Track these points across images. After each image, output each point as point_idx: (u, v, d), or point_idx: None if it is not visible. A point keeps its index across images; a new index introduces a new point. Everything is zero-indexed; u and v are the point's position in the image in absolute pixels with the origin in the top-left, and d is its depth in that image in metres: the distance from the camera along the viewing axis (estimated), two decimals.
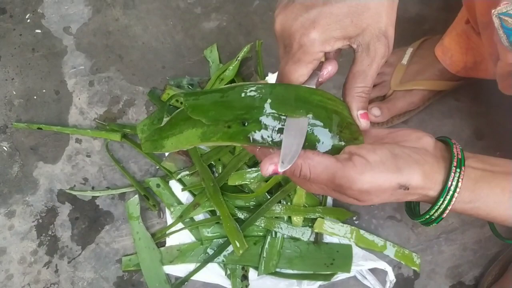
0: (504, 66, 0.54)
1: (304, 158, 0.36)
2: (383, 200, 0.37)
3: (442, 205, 0.37)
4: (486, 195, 0.38)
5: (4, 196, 0.78)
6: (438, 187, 0.37)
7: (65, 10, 0.90)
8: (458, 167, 0.37)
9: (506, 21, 0.46)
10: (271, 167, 0.36)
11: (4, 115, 0.83)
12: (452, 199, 0.37)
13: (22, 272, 0.75)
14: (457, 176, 0.37)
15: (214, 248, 0.73)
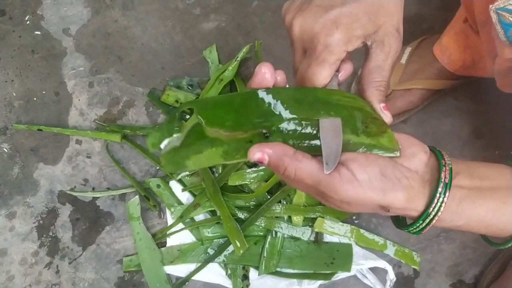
0: (502, 62, 0.55)
1: (292, 158, 0.35)
2: (363, 211, 0.37)
3: (421, 225, 0.37)
4: (468, 216, 0.37)
5: (4, 197, 0.79)
6: (420, 209, 0.37)
7: (64, 11, 0.90)
8: (442, 193, 0.37)
9: (503, 16, 0.47)
10: (258, 154, 0.35)
11: (4, 117, 0.83)
12: (432, 221, 0.37)
13: (23, 273, 0.75)
14: (440, 202, 0.37)
15: (215, 248, 0.73)
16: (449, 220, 0.37)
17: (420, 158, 0.38)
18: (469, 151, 0.80)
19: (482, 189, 0.38)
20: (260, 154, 0.35)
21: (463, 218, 0.37)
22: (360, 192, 0.35)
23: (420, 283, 0.75)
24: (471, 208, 0.37)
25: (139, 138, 0.81)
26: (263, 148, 0.36)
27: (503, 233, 0.39)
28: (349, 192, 0.35)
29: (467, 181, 0.38)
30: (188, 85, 0.83)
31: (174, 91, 0.81)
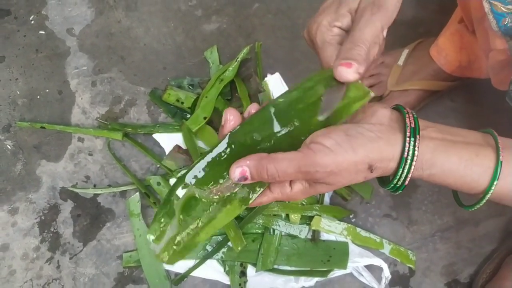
0: (495, 55, 0.56)
1: (268, 158, 0.37)
2: (351, 180, 0.39)
3: (402, 174, 0.38)
4: (441, 163, 0.39)
5: (7, 193, 0.80)
6: (397, 157, 0.38)
7: (68, 12, 0.91)
8: (412, 136, 0.38)
9: (496, 5, 0.48)
10: (238, 169, 0.37)
11: (8, 114, 0.85)
12: (411, 168, 0.38)
13: (24, 268, 0.76)
14: (412, 145, 0.38)
15: (213, 245, 0.74)
16: (425, 168, 0.39)
17: (381, 113, 0.40)
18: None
19: (455, 142, 0.39)
20: (240, 169, 0.37)
21: (437, 165, 0.38)
22: (334, 156, 0.36)
23: (416, 282, 0.76)
24: (445, 156, 0.38)
25: (140, 137, 0.82)
26: (240, 163, 0.37)
27: (476, 186, 0.39)
28: (325, 160, 0.36)
29: (438, 134, 0.40)
30: (189, 85, 0.85)
31: (176, 90, 0.82)
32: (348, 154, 0.37)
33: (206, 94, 0.80)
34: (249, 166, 0.37)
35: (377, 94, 0.80)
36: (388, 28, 0.43)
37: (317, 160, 0.36)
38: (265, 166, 0.37)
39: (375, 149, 0.37)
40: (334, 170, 0.37)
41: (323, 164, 0.36)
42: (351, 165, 0.37)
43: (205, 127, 0.79)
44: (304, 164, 0.37)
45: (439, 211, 0.78)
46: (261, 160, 0.37)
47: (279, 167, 0.37)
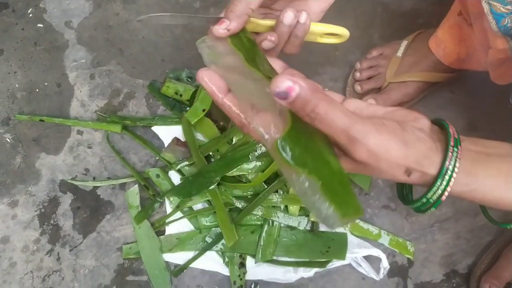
0: (494, 53, 0.56)
1: (324, 97, 0.32)
2: (384, 172, 0.35)
3: (440, 186, 0.36)
4: (482, 177, 0.37)
5: (7, 186, 0.80)
6: (436, 168, 0.36)
7: (66, 4, 0.91)
8: (455, 146, 0.36)
9: (495, 6, 0.48)
10: (288, 82, 0.31)
11: (7, 108, 0.85)
12: (451, 180, 0.36)
13: (25, 260, 0.76)
14: (455, 156, 0.36)
15: (212, 236, 0.74)
16: (464, 183, 0.36)
17: (423, 122, 0.38)
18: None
19: (490, 154, 0.38)
20: (290, 83, 0.31)
21: (478, 179, 0.36)
22: (390, 139, 0.33)
23: (414, 272, 0.76)
24: (484, 170, 0.37)
25: (139, 129, 0.82)
26: (296, 78, 0.31)
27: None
28: (382, 136, 0.33)
29: (474, 146, 0.38)
30: (187, 77, 0.84)
31: (174, 83, 0.82)
32: (399, 146, 0.34)
33: None
34: (302, 88, 0.31)
35: (376, 85, 0.80)
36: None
37: (373, 131, 0.33)
38: (317, 100, 0.32)
39: (423, 150, 0.35)
40: (378, 154, 0.33)
41: (376, 139, 0.33)
42: (399, 158, 0.34)
43: (204, 119, 0.79)
44: (358, 129, 0.32)
45: None
46: (317, 92, 0.32)
47: (331, 113, 0.32)
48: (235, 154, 0.75)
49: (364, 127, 0.33)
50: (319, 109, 0.32)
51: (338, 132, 0.33)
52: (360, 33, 0.88)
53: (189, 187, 0.74)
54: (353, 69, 0.83)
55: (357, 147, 0.33)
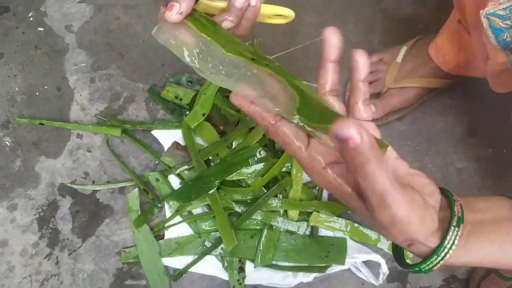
0: (493, 65, 0.56)
1: (377, 160, 0.30)
2: (389, 234, 0.35)
3: (435, 261, 0.37)
4: (475, 250, 0.37)
5: (6, 189, 0.80)
6: (435, 243, 0.36)
7: (67, 8, 0.91)
8: (457, 226, 0.36)
9: (494, 21, 0.48)
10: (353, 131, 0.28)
11: (7, 111, 0.85)
12: (446, 256, 0.36)
13: (23, 264, 0.76)
14: (455, 235, 0.36)
15: (212, 241, 0.74)
16: (458, 257, 0.37)
17: (437, 197, 0.37)
18: (462, 149, 0.81)
19: (484, 222, 0.38)
20: (355, 132, 0.28)
21: (471, 253, 0.37)
22: (412, 216, 0.33)
23: (413, 278, 0.76)
24: (477, 243, 0.37)
25: (139, 133, 0.83)
26: (362, 129, 0.29)
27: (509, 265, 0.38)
28: (408, 213, 0.33)
29: (470, 215, 0.38)
30: (187, 82, 0.85)
31: (174, 87, 0.82)
32: (417, 216, 0.33)
33: (204, 91, 0.80)
34: (363, 141, 0.29)
35: (375, 91, 0.81)
36: None
37: (403, 207, 0.32)
38: (370, 156, 0.30)
39: (430, 229, 0.35)
40: (401, 221, 0.33)
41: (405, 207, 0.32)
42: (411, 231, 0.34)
43: (204, 123, 0.79)
44: (393, 198, 0.31)
45: None
46: (374, 149, 0.29)
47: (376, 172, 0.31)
48: (234, 159, 0.75)
49: (401, 198, 0.32)
50: (369, 166, 0.30)
51: (373, 191, 0.32)
52: (360, 38, 0.88)
53: (188, 191, 0.74)
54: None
55: (385, 212, 0.32)
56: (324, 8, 0.91)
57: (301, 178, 0.75)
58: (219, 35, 0.40)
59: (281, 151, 0.77)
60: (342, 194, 0.35)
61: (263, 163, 0.75)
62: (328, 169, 0.35)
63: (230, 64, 0.38)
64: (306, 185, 0.77)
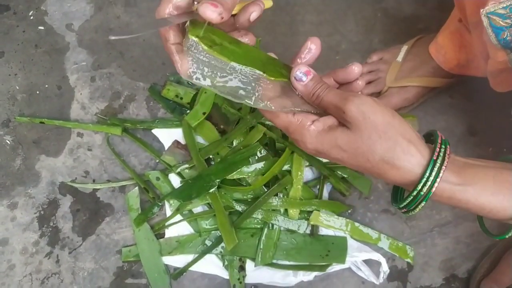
0: (494, 64, 0.56)
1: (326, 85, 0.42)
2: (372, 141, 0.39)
3: (430, 177, 0.38)
4: (471, 178, 0.39)
5: (6, 188, 0.80)
6: (423, 163, 0.39)
7: (67, 7, 0.91)
8: (442, 144, 0.40)
9: (494, 20, 0.48)
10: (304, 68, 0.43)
11: (7, 110, 0.85)
12: (439, 173, 0.38)
13: (24, 262, 0.76)
14: (443, 151, 0.39)
15: (212, 239, 0.74)
16: (456, 183, 0.39)
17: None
18: (463, 148, 0.81)
19: (479, 165, 0.41)
20: (307, 68, 0.43)
21: (466, 179, 0.39)
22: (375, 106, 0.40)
23: (414, 277, 0.76)
24: (474, 173, 0.40)
25: (140, 132, 0.82)
26: (309, 68, 0.43)
27: (505, 211, 0.40)
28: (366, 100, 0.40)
29: (461, 158, 0.42)
30: (188, 80, 0.85)
31: (175, 86, 0.82)
32: (386, 112, 0.40)
33: (205, 90, 0.80)
34: (314, 73, 0.43)
35: (376, 90, 0.81)
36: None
37: (361, 96, 0.40)
38: (323, 83, 0.42)
39: (408, 129, 0.40)
40: (363, 109, 0.39)
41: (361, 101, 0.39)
42: (382, 125, 0.39)
43: (204, 122, 0.79)
44: (343, 98, 0.40)
45: (438, 206, 0.78)
46: (321, 80, 0.43)
47: (327, 92, 0.42)
48: (235, 157, 0.75)
49: (356, 94, 0.41)
50: (323, 86, 0.42)
51: (336, 98, 0.41)
52: (361, 37, 0.88)
53: (189, 190, 0.74)
54: None
55: (349, 104, 0.40)
56: (324, 7, 0.91)
57: (302, 177, 0.75)
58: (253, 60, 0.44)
59: (281, 150, 0.77)
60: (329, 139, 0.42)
61: (264, 162, 0.75)
62: (315, 123, 0.42)
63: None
64: (307, 184, 0.77)
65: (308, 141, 0.42)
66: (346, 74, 0.44)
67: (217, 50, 0.41)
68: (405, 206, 0.42)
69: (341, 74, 0.45)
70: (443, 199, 0.40)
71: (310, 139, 0.42)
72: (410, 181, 0.40)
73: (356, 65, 0.44)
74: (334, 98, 0.41)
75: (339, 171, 0.76)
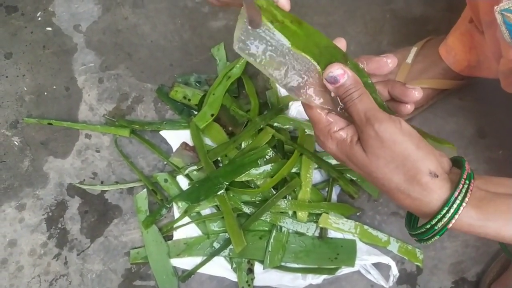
0: (506, 63, 0.56)
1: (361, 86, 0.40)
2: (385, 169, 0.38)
3: (447, 214, 0.37)
4: (493, 213, 0.37)
5: (15, 189, 0.80)
6: (444, 195, 0.37)
7: (75, 8, 0.91)
8: (467, 179, 0.37)
9: (508, 17, 0.47)
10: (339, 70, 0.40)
11: (15, 111, 0.85)
12: (459, 210, 0.36)
13: (32, 264, 0.76)
14: (466, 187, 0.37)
15: (220, 242, 0.74)
16: (476, 218, 0.37)
17: (446, 159, 0.41)
18: (473, 151, 0.81)
19: (499, 193, 0.38)
20: (341, 71, 0.40)
21: (489, 215, 0.37)
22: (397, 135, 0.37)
23: (423, 280, 0.76)
24: (494, 206, 0.37)
25: (147, 133, 0.82)
26: (345, 68, 0.40)
27: None
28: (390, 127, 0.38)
29: (484, 185, 0.39)
30: (196, 82, 0.85)
31: (182, 87, 0.82)
32: (408, 144, 0.37)
33: (213, 91, 0.80)
34: (350, 77, 0.40)
35: None
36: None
37: (384, 122, 0.38)
38: (358, 88, 0.40)
39: (432, 161, 0.38)
40: (382, 136, 0.37)
41: (388, 125, 0.37)
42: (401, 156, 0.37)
43: (212, 124, 0.79)
44: (373, 113, 0.38)
45: None
46: (358, 83, 0.40)
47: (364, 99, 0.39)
48: (243, 160, 0.74)
49: (382, 115, 0.38)
50: (354, 94, 0.40)
51: (357, 114, 0.39)
52: (369, 39, 0.88)
53: (197, 192, 0.74)
54: None
55: (368, 126, 0.38)
56: (333, 8, 0.90)
57: (311, 180, 0.75)
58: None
59: (290, 152, 0.77)
60: (346, 151, 0.41)
61: (272, 164, 0.75)
62: (341, 131, 0.41)
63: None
64: (315, 186, 0.76)
65: (329, 145, 0.42)
66: (378, 65, 0.42)
67: (277, 27, 0.39)
68: (418, 235, 0.40)
69: (373, 64, 0.43)
70: (460, 231, 0.39)
71: (331, 144, 0.42)
72: (425, 213, 0.38)
73: (390, 58, 0.42)
74: (358, 112, 0.39)
75: (348, 174, 0.76)
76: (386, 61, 0.42)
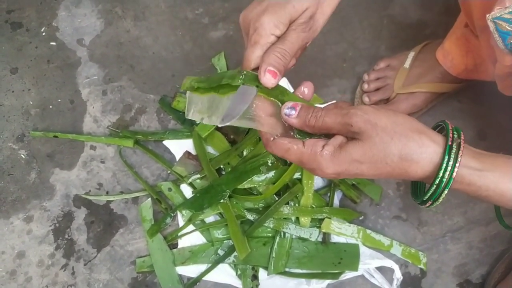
0: (502, 67, 0.56)
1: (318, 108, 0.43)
2: (385, 150, 0.40)
3: (449, 162, 0.39)
4: (490, 164, 0.40)
5: (22, 201, 0.81)
6: (440, 151, 0.40)
7: (78, 23, 0.93)
8: (454, 130, 0.41)
9: (500, 25, 0.48)
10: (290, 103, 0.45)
11: (21, 124, 0.86)
12: (458, 157, 0.39)
13: (40, 275, 0.77)
14: (457, 137, 0.40)
15: (225, 249, 0.75)
16: (475, 168, 0.40)
17: None
18: None
19: (492, 154, 0.42)
20: (291, 103, 0.45)
21: (485, 165, 0.40)
22: (378, 112, 0.41)
23: (427, 283, 0.76)
24: (491, 159, 0.40)
25: (151, 144, 0.84)
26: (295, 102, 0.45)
27: None
28: (369, 108, 0.41)
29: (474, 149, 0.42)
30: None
31: (184, 97, 0.83)
32: (390, 113, 0.41)
33: None
34: (301, 105, 0.44)
35: (384, 97, 0.81)
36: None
37: (358, 110, 0.41)
38: (313, 109, 0.43)
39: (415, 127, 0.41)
40: (369, 118, 0.40)
41: (363, 111, 0.41)
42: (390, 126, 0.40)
43: (215, 133, 0.80)
44: (348, 109, 0.42)
45: (449, 212, 0.78)
46: (311, 107, 0.44)
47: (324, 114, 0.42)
48: (246, 167, 0.75)
49: (352, 108, 0.42)
50: (316, 112, 0.43)
51: (336, 117, 0.42)
52: (368, 45, 0.89)
53: (201, 200, 0.75)
54: (361, 81, 0.84)
55: (353, 116, 0.41)
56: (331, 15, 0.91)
57: (312, 185, 0.75)
58: None
59: None
60: (343, 158, 0.42)
61: (274, 171, 0.75)
62: (325, 147, 0.42)
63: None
64: (317, 192, 0.77)
65: (325, 166, 0.42)
66: (299, 92, 0.47)
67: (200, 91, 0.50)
68: (429, 198, 0.42)
69: (297, 92, 0.48)
70: (463, 186, 0.41)
71: (326, 164, 0.42)
72: (431, 172, 0.41)
73: (307, 85, 0.47)
74: (335, 117, 0.42)
75: (349, 179, 0.77)
76: (303, 90, 0.47)
